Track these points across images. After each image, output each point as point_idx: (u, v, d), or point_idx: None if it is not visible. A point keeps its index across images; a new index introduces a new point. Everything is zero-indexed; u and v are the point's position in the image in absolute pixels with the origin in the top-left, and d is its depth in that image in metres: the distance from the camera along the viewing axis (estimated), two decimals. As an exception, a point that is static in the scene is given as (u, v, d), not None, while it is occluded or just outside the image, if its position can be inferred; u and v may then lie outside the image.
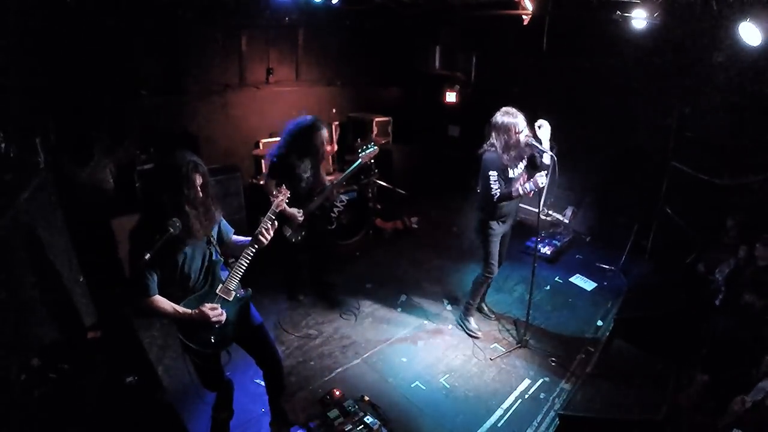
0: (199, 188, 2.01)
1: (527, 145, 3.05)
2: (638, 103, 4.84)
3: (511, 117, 3.02)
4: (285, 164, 3.36)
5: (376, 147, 3.66)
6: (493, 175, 3.07)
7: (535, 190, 3.07)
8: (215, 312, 2.07)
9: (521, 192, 3.09)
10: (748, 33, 3.17)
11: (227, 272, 2.21)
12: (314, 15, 5.20)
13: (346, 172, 3.67)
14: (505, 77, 6.04)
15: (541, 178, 3.02)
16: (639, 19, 4.02)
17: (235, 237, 2.34)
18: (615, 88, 4.96)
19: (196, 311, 2.04)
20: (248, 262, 2.17)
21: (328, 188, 3.63)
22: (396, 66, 6.71)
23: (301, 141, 3.37)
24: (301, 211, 3.44)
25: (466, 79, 6.45)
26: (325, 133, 3.44)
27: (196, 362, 2.31)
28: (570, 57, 5.20)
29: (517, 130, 3.01)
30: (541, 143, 3.03)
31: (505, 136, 3.03)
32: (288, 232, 3.51)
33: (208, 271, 2.16)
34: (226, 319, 2.14)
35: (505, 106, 3.17)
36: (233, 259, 2.22)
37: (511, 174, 3.17)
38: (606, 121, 5.09)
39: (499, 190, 3.08)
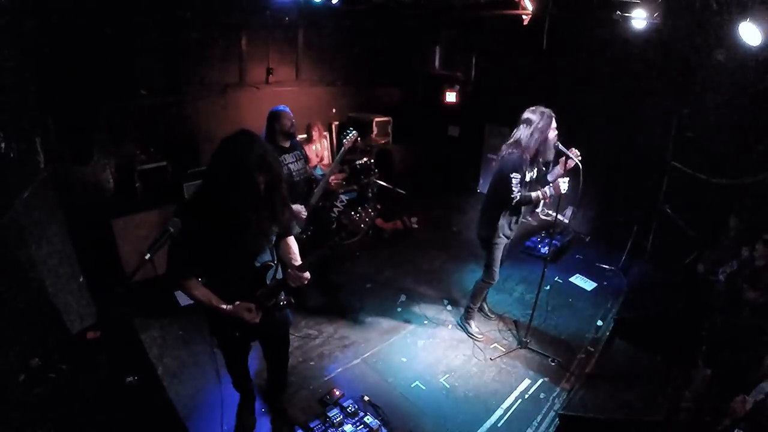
0: (263, 188, 1.75)
1: (554, 146, 3.01)
2: (638, 103, 4.85)
3: (545, 116, 2.96)
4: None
5: (355, 131, 3.70)
6: (516, 177, 2.97)
7: (554, 195, 3.04)
8: (250, 315, 1.93)
9: (541, 196, 3.04)
10: (748, 33, 3.17)
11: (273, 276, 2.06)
12: (314, 15, 5.22)
13: (336, 159, 3.70)
14: (505, 77, 6.04)
15: (564, 184, 2.98)
16: (639, 19, 4.02)
17: (291, 241, 2.13)
18: (615, 88, 4.97)
19: (231, 307, 1.90)
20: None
21: (324, 178, 3.65)
22: (396, 66, 6.71)
23: (271, 132, 3.38)
24: (303, 206, 3.43)
25: (466, 79, 6.46)
26: (287, 119, 3.38)
27: (222, 345, 2.26)
28: (570, 57, 5.20)
29: (551, 127, 2.96)
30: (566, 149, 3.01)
31: (537, 134, 2.96)
32: (296, 230, 3.50)
33: (255, 273, 2.00)
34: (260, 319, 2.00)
35: (504, 106, 3.16)
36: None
37: (527, 177, 3.11)
38: (606, 121, 5.10)
39: (519, 193, 3.00)
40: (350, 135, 3.66)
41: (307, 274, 1.95)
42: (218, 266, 1.93)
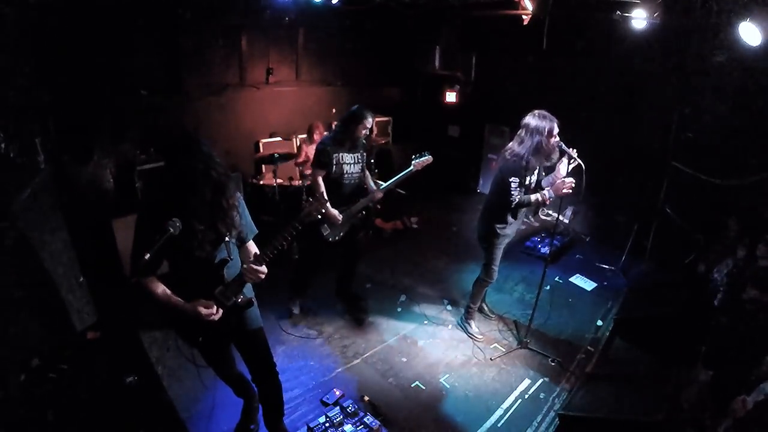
0: (208, 193, 1.83)
1: (557, 149, 3.00)
2: (638, 103, 4.85)
3: (547, 121, 2.95)
4: (326, 154, 3.24)
5: (430, 157, 3.52)
6: (515, 181, 3.00)
7: (554, 197, 3.05)
8: (208, 311, 1.93)
9: (540, 199, 3.05)
10: (748, 33, 3.17)
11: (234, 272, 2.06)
12: (314, 15, 5.21)
13: (396, 178, 3.50)
14: (505, 77, 6.04)
15: (566, 186, 3.00)
16: (639, 19, 4.02)
17: (250, 246, 2.16)
18: (615, 88, 4.97)
19: (189, 305, 1.92)
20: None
21: (373, 193, 3.49)
22: (396, 66, 6.72)
23: (344, 131, 3.29)
24: (342, 215, 3.31)
25: (466, 79, 6.46)
26: (369, 123, 3.31)
27: (201, 353, 2.27)
28: (570, 57, 5.20)
29: (552, 133, 2.95)
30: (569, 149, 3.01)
31: (538, 139, 2.95)
32: (326, 231, 3.37)
33: (213, 270, 2.01)
34: (219, 320, 2.00)
35: (504, 106, 3.16)
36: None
37: (527, 181, 3.11)
38: (606, 121, 5.10)
39: (518, 196, 3.03)
40: (423, 159, 3.48)
41: (264, 269, 1.97)
42: (175, 266, 1.98)
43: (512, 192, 3.01)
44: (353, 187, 3.43)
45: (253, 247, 2.16)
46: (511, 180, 3.00)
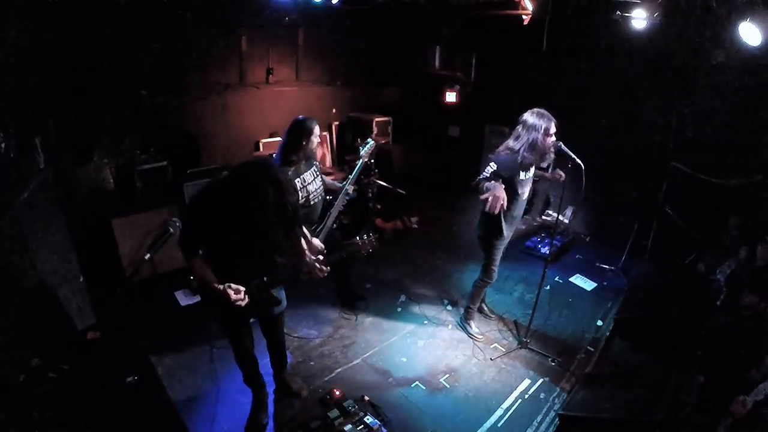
0: (276, 209, 1.95)
1: (554, 148, 2.97)
2: (638, 103, 4.85)
3: (544, 119, 2.92)
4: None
5: (373, 142, 3.56)
6: (492, 166, 2.94)
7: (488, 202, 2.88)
8: (237, 296, 2.05)
9: (487, 206, 2.83)
10: (748, 33, 3.18)
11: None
12: (314, 15, 5.21)
13: (352, 175, 3.44)
14: (505, 77, 6.04)
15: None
16: (639, 19, 4.02)
17: (314, 239, 2.45)
18: (615, 88, 4.97)
19: (221, 288, 2.03)
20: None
21: (338, 201, 3.36)
22: (396, 66, 6.71)
23: (296, 150, 2.98)
24: (321, 238, 3.10)
25: (466, 79, 6.45)
26: (318, 131, 3.07)
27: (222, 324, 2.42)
28: (570, 57, 5.20)
29: (549, 132, 2.92)
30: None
31: (534, 135, 2.92)
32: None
33: (256, 267, 2.18)
34: (245, 306, 2.12)
35: (504, 106, 3.15)
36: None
37: (521, 177, 3.06)
38: (606, 121, 5.10)
39: (481, 179, 2.90)
40: (368, 147, 3.48)
41: (327, 269, 2.25)
42: (224, 256, 2.12)
43: (482, 174, 2.92)
44: (320, 203, 3.23)
45: (317, 241, 2.46)
46: (491, 163, 2.95)
